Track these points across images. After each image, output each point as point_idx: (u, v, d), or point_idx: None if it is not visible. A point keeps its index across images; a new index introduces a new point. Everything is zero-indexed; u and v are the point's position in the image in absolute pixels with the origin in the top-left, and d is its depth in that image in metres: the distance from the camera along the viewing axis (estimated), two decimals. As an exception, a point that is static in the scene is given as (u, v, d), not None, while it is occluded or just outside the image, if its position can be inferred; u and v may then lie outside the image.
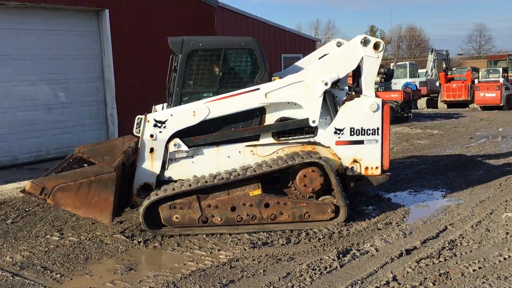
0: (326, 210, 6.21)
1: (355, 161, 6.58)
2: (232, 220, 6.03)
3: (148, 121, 6.17)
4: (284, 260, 5.16)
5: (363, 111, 6.50)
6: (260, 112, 6.45)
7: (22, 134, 10.79)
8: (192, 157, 6.33)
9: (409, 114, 19.75)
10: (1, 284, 4.76)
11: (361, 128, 6.52)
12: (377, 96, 6.69)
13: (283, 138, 6.54)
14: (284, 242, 5.69)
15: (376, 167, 6.60)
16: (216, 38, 9.84)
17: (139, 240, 5.88)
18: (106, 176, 5.54)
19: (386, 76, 20.01)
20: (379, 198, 7.65)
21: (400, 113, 19.07)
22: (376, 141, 6.54)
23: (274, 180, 6.43)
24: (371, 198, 7.60)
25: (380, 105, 6.51)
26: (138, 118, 6.51)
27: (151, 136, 6.15)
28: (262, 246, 5.58)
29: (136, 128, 6.55)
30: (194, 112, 6.19)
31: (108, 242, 5.86)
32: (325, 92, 6.44)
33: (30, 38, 10.88)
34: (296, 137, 6.56)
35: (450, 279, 4.61)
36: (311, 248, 5.52)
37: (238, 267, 5.02)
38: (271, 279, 4.70)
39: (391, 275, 4.70)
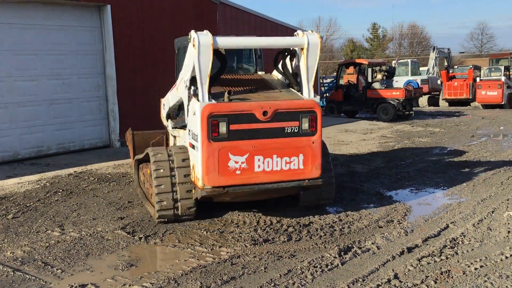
0: None
1: (193, 167, 6.16)
2: None
3: None
4: (285, 257, 5.16)
5: (193, 113, 6.08)
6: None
7: (23, 129, 10.78)
8: None
9: (411, 112, 19.74)
10: (2, 279, 4.75)
11: (194, 132, 6.04)
12: (214, 98, 5.88)
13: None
14: (285, 239, 5.68)
15: (198, 178, 5.92)
16: None
17: (140, 236, 5.88)
18: None
19: (387, 74, 19.97)
20: (381, 195, 7.64)
21: (401, 111, 19.07)
22: (198, 149, 5.87)
23: None
24: (372, 196, 7.60)
25: (199, 110, 5.69)
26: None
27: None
28: (263, 243, 5.57)
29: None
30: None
31: (109, 238, 5.85)
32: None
33: (31, 33, 10.86)
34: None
35: (452, 277, 4.60)
36: (312, 245, 5.51)
37: (239, 263, 5.01)
38: (272, 276, 4.69)
39: (393, 273, 4.69)
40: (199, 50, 5.68)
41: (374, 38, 71.55)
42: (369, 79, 19.83)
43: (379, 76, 19.88)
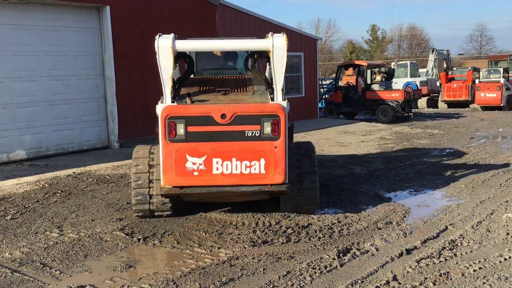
0: None
1: None
2: None
3: None
4: (284, 259, 5.15)
5: (157, 115, 6.17)
6: None
7: (22, 130, 10.78)
8: None
9: (410, 114, 19.76)
10: (0, 280, 4.74)
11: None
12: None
13: None
14: (284, 241, 5.68)
15: (160, 177, 6.11)
16: None
17: (139, 237, 5.87)
18: None
19: (387, 76, 20.00)
20: (380, 197, 7.64)
21: (400, 112, 19.09)
22: (159, 149, 6.03)
23: None
24: (371, 198, 7.59)
25: (159, 112, 5.95)
26: None
27: None
28: (262, 245, 5.56)
29: None
30: None
31: (108, 239, 5.84)
32: None
33: (31, 34, 10.86)
34: None
35: (451, 279, 4.59)
36: (311, 247, 5.50)
37: (238, 265, 5.01)
38: (271, 277, 4.69)
39: (391, 274, 4.69)
40: (159, 53, 5.87)
41: (373, 40, 71.62)
42: (368, 81, 19.86)
43: (378, 78, 19.90)
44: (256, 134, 5.87)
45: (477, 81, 25.36)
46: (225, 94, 6.30)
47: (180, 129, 5.86)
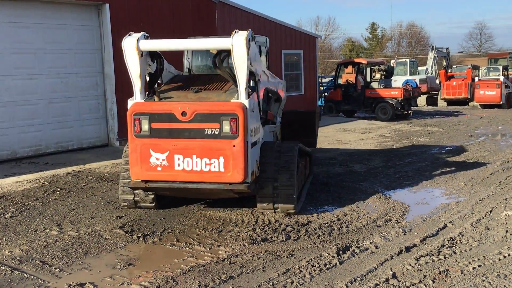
0: None
1: None
2: None
3: None
4: (284, 257, 5.16)
5: None
6: None
7: (21, 128, 10.77)
8: None
9: (409, 112, 19.76)
10: (0, 278, 4.75)
11: None
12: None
13: None
14: (284, 239, 5.68)
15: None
16: None
17: (138, 235, 5.88)
18: None
19: (386, 73, 20.00)
20: (379, 195, 7.63)
21: (400, 110, 19.09)
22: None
23: None
24: (370, 195, 7.60)
25: (128, 108, 6.24)
26: None
27: None
28: (261, 242, 5.57)
29: None
30: None
31: (107, 237, 5.85)
32: None
33: (30, 32, 10.84)
34: None
35: (450, 277, 4.60)
36: (310, 244, 5.51)
37: (238, 263, 5.01)
38: (270, 275, 4.69)
39: (391, 272, 4.70)
40: (125, 52, 6.17)
41: (373, 38, 71.56)
42: (368, 79, 19.84)
43: (377, 76, 19.89)
44: (216, 132, 5.92)
45: (476, 79, 25.34)
46: (197, 92, 6.37)
47: (145, 125, 6.07)
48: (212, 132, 5.90)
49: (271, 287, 4.45)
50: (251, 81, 6.42)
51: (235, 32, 5.93)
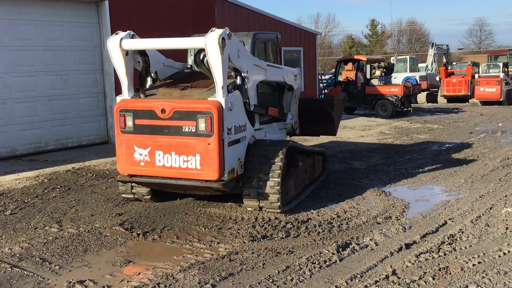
0: None
1: None
2: None
3: None
4: (284, 254, 5.16)
5: None
6: None
7: (21, 125, 10.76)
8: None
9: (409, 109, 19.75)
10: (0, 275, 4.75)
11: None
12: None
13: None
14: (284, 236, 5.68)
15: None
16: None
17: (138, 232, 5.87)
18: None
19: (386, 70, 19.98)
20: (379, 192, 7.63)
21: (400, 107, 19.06)
22: None
23: None
24: (370, 192, 7.59)
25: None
26: None
27: None
28: (261, 239, 5.57)
29: None
30: None
31: (107, 234, 5.85)
32: None
33: (29, 29, 10.82)
34: None
35: (450, 273, 4.60)
36: (310, 241, 5.51)
37: (237, 260, 5.01)
38: (270, 272, 4.69)
39: (391, 269, 4.69)
40: (109, 51, 6.48)
41: (372, 35, 71.53)
42: (368, 76, 19.83)
43: (377, 73, 19.87)
44: (192, 130, 5.99)
45: (476, 75, 25.31)
46: (183, 90, 6.47)
47: (129, 122, 6.31)
48: (189, 130, 5.99)
49: (271, 284, 4.45)
50: (238, 78, 6.44)
51: (211, 31, 5.92)
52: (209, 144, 5.91)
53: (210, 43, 5.81)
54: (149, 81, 6.89)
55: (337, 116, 9.09)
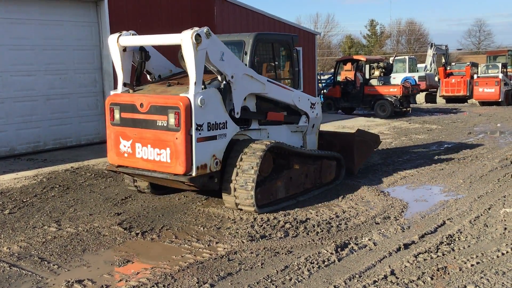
0: None
1: None
2: None
3: None
4: (282, 253, 5.16)
5: None
6: None
7: (20, 124, 10.74)
8: None
9: (408, 109, 19.75)
10: (-2, 274, 4.74)
11: None
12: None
13: None
14: (282, 236, 5.68)
15: None
16: None
17: (137, 232, 5.87)
18: None
19: (385, 71, 19.98)
20: (378, 192, 7.63)
21: (399, 107, 19.07)
22: None
23: None
24: (369, 193, 7.60)
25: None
26: None
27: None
28: (260, 239, 5.57)
29: None
30: None
31: (106, 234, 5.84)
32: None
33: (28, 28, 10.81)
34: None
35: (448, 273, 4.61)
36: (309, 241, 5.51)
37: (236, 259, 5.01)
38: (269, 272, 4.69)
39: (389, 269, 4.70)
40: (109, 48, 6.82)
41: (371, 35, 71.55)
42: (367, 76, 19.84)
43: (376, 73, 19.88)
44: (164, 124, 6.22)
45: (475, 76, 25.33)
46: (169, 86, 6.73)
47: (117, 115, 6.69)
48: (162, 124, 6.22)
49: (269, 284, 4.45)
50: (223, 81, 6.48)
51: (190, 29, 6.06)
52: (176, 138, 6.10)
53: (184, 39, 6.00)
54: (148, 78, 7.16)
55: (359, 155, 8.76)
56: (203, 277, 4.59)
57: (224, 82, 6.49)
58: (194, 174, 6.15)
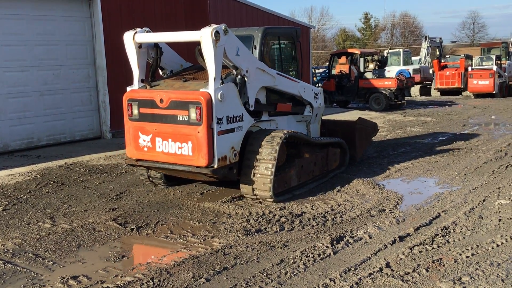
0: None
1: None
2: None
3: None
4: (278, 247, 5.15)
5: None
6: None
7: (13, 120, 10.69)
8: None
9: (403, 102, 19.77)
10: (-8, 271, 4.72)
11: None
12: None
13: None
14: (278, 229, 5.68)
15: None
16: None
17: (132, 227, 5.85)
18: None
19: (379, 64, 19.97)
20: (373, 185, 7.64)
21: (393, 100, 19.09)
22: None
23: None
24: (364, 186, 7.60)
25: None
26: None
27: None
28: (255, 233, 5.56)
29: None
30: None
31: (101, 229, 5.82)
32: None
33: (20, 23, 10.73)
34: None
35: (443, 265, 4.62)
36: (304, 235, 5.51)
37: (232, 254, 5.01)
38: (264, 266, 4.69)
39: (385, 261, 4.70)
40: (125, 45, 6.90)
41: (366, 28, 71.46)
42: (361, 69, 19.82)
43: (371, 66, 19.86)
44: (185, 119, 6.36)
45: (469, 68, 25.39)
46: (185, 81, 6.81)
47: (135, 110, 6.80)
48: (183, 119, 6.35)
49: (265, 277, 4.45)
50: (238, 75, 6.68)
51: (208, 26, 6.23)
52: (198, 132, 6.25)
53: (204, 36, 6.16)
54: (161, 74, 7.32)
55: (360, 142, 9.10)
56: (199, 272, 4.58)
57: (239, 76, 6.67)
58: (216, 166, 6.33)
